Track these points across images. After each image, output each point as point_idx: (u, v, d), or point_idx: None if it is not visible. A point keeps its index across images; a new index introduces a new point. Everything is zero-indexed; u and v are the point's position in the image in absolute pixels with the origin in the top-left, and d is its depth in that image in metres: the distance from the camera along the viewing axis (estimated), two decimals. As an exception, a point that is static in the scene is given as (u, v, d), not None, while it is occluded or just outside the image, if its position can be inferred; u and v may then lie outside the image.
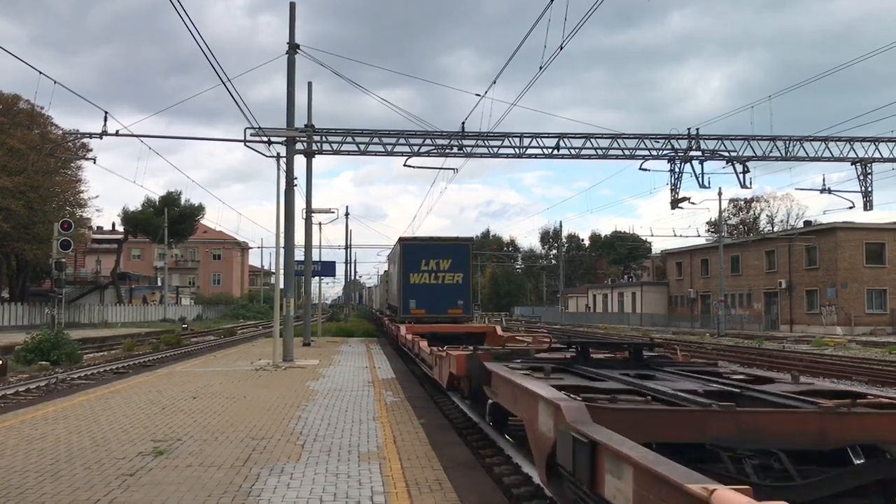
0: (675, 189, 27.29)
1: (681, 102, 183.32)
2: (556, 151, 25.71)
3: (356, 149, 25.43)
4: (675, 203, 27.89)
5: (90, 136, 25.12)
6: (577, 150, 25.82)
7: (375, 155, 25.93)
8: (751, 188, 27.34)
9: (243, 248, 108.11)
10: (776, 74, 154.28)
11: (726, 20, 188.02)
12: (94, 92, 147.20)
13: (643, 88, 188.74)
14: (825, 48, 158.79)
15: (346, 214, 61.95)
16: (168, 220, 66.99)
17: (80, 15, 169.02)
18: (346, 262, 70.41)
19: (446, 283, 23.38)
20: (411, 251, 23.87)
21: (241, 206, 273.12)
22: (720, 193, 52.25)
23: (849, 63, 59.61)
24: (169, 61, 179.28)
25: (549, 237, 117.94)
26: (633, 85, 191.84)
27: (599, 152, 25.88)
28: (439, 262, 23.38)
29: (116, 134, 23.38)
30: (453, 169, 28.47)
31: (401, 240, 25.10)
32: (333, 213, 30.23)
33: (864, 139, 26.92)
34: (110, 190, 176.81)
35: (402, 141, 25.42)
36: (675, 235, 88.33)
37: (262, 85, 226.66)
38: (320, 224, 40.77)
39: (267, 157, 22.26)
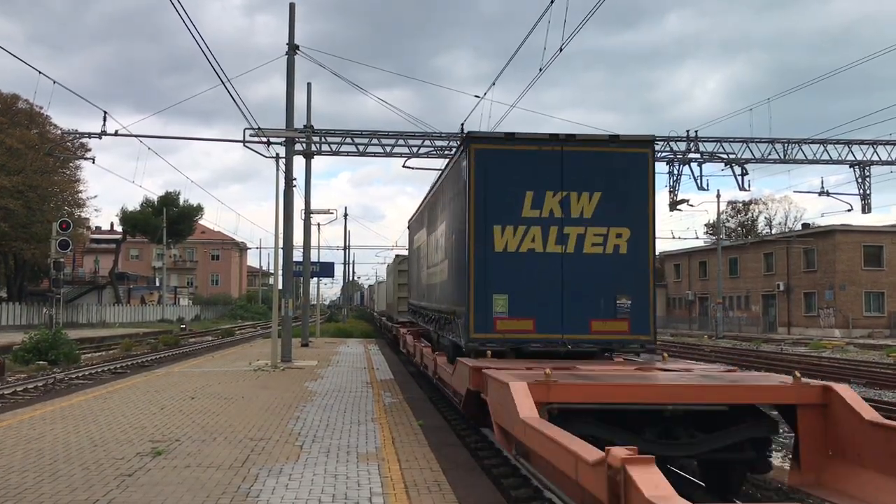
0: (673, 191, 27.34)
1: (678, 104, 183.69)
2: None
3: (355, 150, 25.45)
4: (673, 205, 27.94)
5: (89, 135, 25.15)
6: (576, 152, 25.81)
7: (374, 156, 25.94)
8: (749, 190, 27.45)
9: (242, 248, 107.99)
10: (774, 76, 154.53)
11: (723, 22, 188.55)
12: (91, 91, 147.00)
13: (641, 90, 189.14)
14: (823, 50, 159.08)
15: (345, 215, 61.99)
16: (167, 220, 66.96)
17: (76, 13, 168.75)
18: (344, 263, 70.51)
19: (589, 251, 9.96)
20: (501, 165, 10.01)
21: (239, 206, 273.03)
22: (718, 195, 52.43)
23: (847, 66, 59.72)
24: (165, 60, 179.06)
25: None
26: (630, 86, 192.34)
27: (598, 154, 25.86)
28: (570, 196, 9.95)
29: (115, 134, 23.40)
30: (452, 170, 28.37)
31: (470, 139, 10.33)
32: (332, 213, 30.21)
33: (862, 142, 26.99)
34: (108, 189, 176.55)
35: (400, 142, 25.44)
36: (674, 237, 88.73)
37: (260, 84, 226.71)
38: (319, 225, 40.84)
39: (266, 157, 22.27)
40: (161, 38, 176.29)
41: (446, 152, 25.76)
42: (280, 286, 21.68)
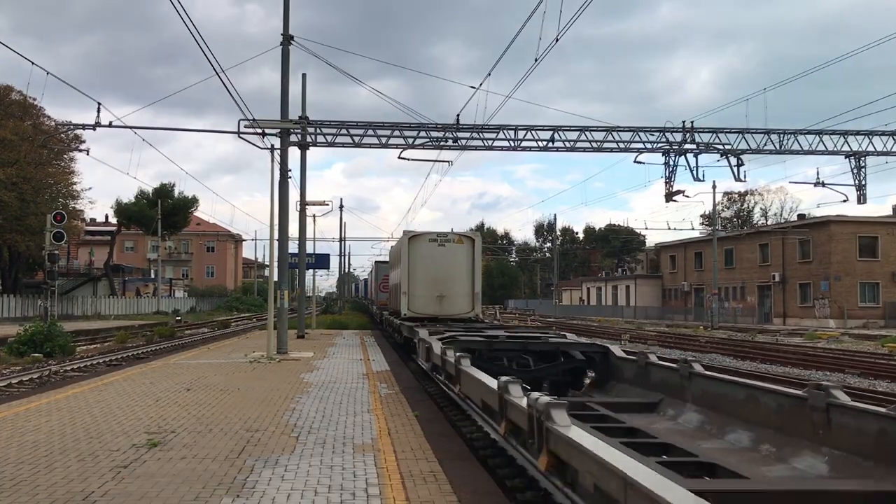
0: (669, 182, 27.35)
1: (670, 94, 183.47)
2: (550, 144, 25.71)
3: (350, 141, 25.37)
4: (669, 196, 27.96)
5: (83, 127, 24.97)
6: (571, 143, 25.82)
7: (370, 147, 25.90)
8: (745, 181, 27.50)
9: (237, 240, 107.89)
10: (768, 65, 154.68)
11: (714, 11, 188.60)
12: (79, 82, 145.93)
13: (632, 80, 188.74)
14: (813, 40, 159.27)
15: (341, 207, 61.89)
16: (162, 211, 66.79)
17: (62, 3, 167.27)
18: (340, 255, 70.21)
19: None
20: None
21: (232, 197, 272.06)
22: (714, 186, 52.33)
23: (839, 58, 59.72)
24: (153, 51, 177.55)
25: (544, 230, 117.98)
26: (621, 76, 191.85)
27: (594, 145, 25.88)
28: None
29: (110, 125, 23.27)
30: (448, 162, 28.42)
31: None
32: (328, 205, 30.26)
33: (857, 132, 27.00)
34: (100, 181, 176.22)
35: (396, 133, 25.38)
36: (670, 228, 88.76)
37: (250, 75, 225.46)
38: (314, 216, 40.81)
39: (261, 148, 22.14)
40: (148, 29, 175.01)
41: (442, 144, 25.70)
42: (276, 278, 21.65)
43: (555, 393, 10.16)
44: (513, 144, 25.61)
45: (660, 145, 26.34)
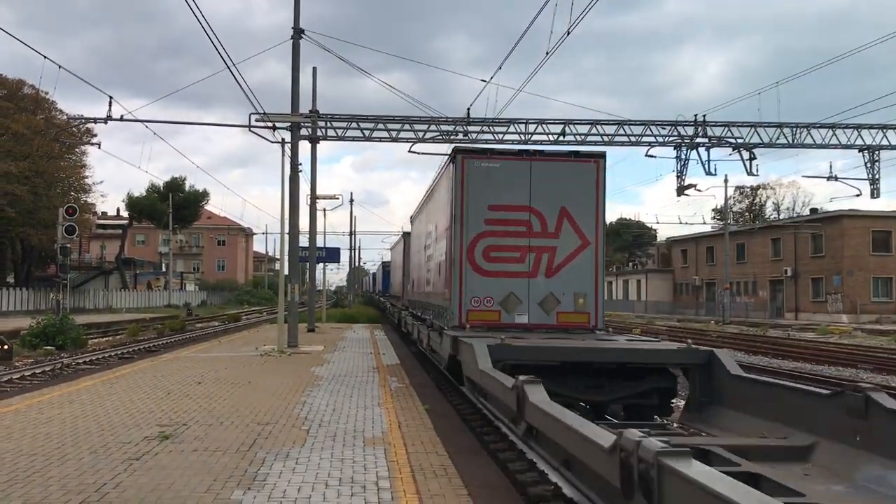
0: (681, 176, 27.22)
1: (678, 88, 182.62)
2: (561, 138, 25.59)
3: (361, 135, 25.33)
4: (681, 190, 27.84)
5: (95, 121, 25.06)
6: (582, 137, 25.68)
7: (380, 141, 25.82)
8: (757, 175, 27.20)
9: (248, 233, 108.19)
10: (777, 60, 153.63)
11: (722, 5, 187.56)
12: (85, 76, 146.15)
13: (640, 74, 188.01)
14: (823, 31, 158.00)
15: (351, 201, 61.96)
16: (172, 205, 67.02)
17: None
18: (350, 249, 70.22)
19: None
20: None
21: (241, 191, 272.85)
22: (726, 180, 51.99)
23: (855, 50, 59.24)
24: (158, 44, 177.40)
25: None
26: (628, 70, 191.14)
27: (605, 139, 25.73)
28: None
29: (121, 119, 23.33)
30: (458, 155, 28.25)
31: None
32: (338, 199, 30.28)
33: (871, 126, 26.73)
34: (109, 174, 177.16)
35: (406, 127, 25.30)
36: (681, 223, 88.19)
37: (255, 68, 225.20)
38: (324, 210, 40.89)
39: (272, 142, 22.15)
40: (153, 22, 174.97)
41: (452, 137, 25.63)
42: (286, 271, 21.68)
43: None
44: (523, 138, 25.50)
45: (671, 139, 26.18)
